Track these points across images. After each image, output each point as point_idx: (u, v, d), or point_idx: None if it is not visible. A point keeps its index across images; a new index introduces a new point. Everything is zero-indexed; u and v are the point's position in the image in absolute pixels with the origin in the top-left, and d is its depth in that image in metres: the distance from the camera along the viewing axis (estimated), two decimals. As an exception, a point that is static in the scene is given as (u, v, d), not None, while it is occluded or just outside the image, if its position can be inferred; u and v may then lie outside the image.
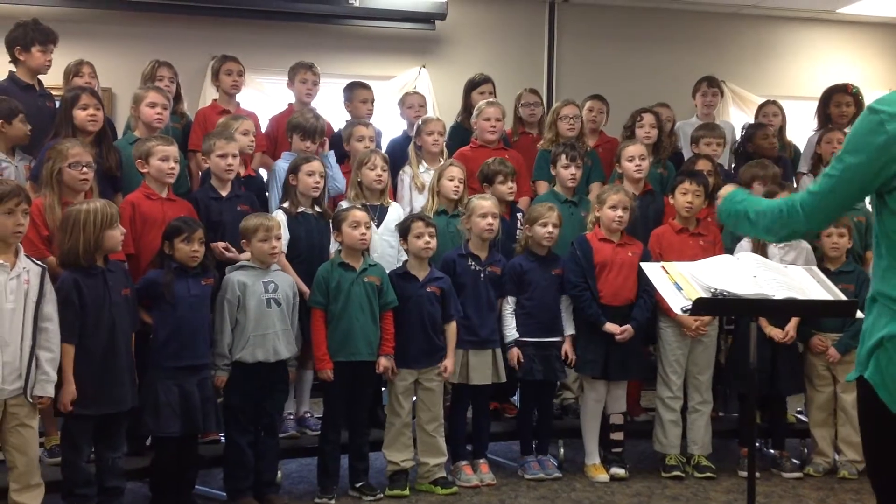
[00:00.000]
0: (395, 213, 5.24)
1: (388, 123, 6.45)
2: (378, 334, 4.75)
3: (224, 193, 4.89)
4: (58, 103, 5.09)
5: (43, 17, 5.53)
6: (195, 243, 4.34)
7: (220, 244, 4.73)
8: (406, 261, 4.97)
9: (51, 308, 3.95)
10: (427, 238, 4.82)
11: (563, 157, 5.45)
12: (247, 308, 4.47)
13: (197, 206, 4.79)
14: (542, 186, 5.75)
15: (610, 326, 5.00)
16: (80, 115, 4.74)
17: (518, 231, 5.36)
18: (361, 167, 5.16)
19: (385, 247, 5.13)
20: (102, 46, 6.89)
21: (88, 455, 4.18)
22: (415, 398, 4.97)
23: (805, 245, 5.27)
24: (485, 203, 5.01)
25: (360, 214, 4.76)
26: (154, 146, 4.66)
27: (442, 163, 5.47)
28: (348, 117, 5.99)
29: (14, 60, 5.31)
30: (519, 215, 5.46)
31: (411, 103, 6.27)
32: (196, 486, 4.58)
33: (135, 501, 4.58)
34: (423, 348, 4.85)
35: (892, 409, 2.28)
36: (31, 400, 3.87)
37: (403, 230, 4.91)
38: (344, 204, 5.12)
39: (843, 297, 3.59)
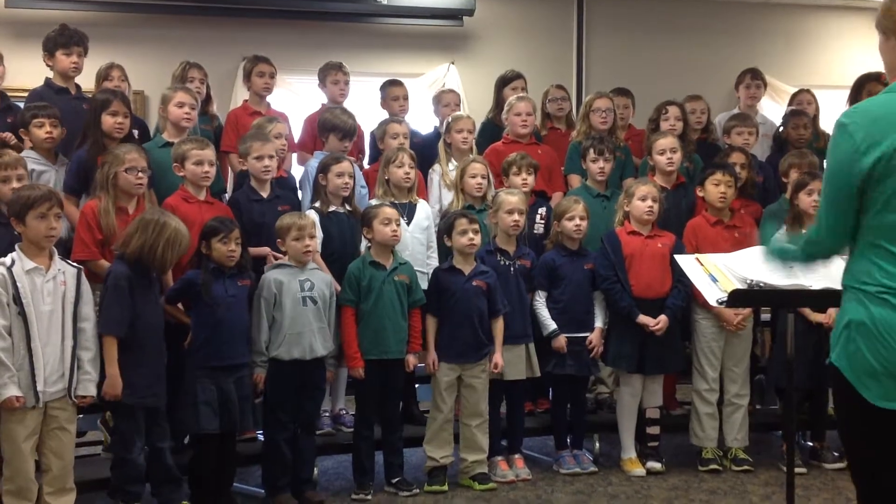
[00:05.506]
0: (424, 210, 5.23)
1: (418, 120, 6.45)
2: (408, 332, 4.77)
3: (265, 195, 4.90)
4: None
5: (75, 22, 5.62)
6: (232, 243, 4.37)
7: (269, 254, 4.73)
8: (451, 256, 4.95)
9: (88, 308, 4.00)
10: (471, 234, 4.82)
11: (592, 150, 5.43)
12: (283, 306, 4.49)
13: (239, 208, 4.81)
14: (575, 180, 5.74)
15: (643, 318, 4.98)
16: (108, 120, 4.77)
17: (537, 224, 5.35)
18: (389, 165, 5.15)
19: (416, 244, 5.12)
20: (134, 50, 6.94)
21: (140, 450, 4.20)
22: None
23: None
24: (512, 199, 4.99)
25: (390, 211, 4.77)
26: (189, 150, 4.67)
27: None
28: (384, 116, 5.98)
29: (49, 66, 5.40)
30: (542, 211, 5.41)
31: (447, 101, 6.26)
32: (234, 484, 4.62)
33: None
34: (469, 343, 4.84)
35: (858, 391, 2.39)
36: (74, 400, 3.93)
37: (447, 228, 4.91)
38: (373, 202, 5.12)
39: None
